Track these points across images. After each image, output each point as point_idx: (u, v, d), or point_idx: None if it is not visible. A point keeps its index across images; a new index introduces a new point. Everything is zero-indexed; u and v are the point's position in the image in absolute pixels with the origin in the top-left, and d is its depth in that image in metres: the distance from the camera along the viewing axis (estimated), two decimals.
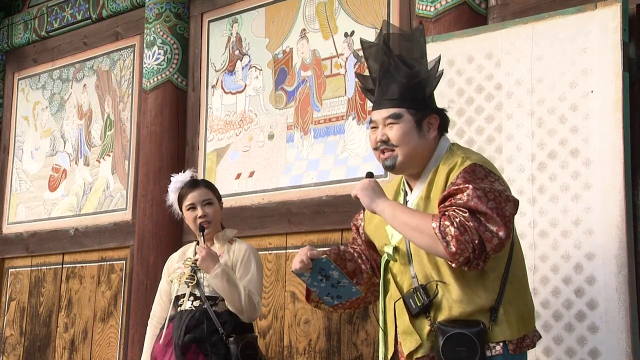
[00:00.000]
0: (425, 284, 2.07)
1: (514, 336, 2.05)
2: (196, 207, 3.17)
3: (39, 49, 5.35)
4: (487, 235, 1.95)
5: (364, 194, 2.15)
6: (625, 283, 2.65)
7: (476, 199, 1.97)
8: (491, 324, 2.03)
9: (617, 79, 2.75)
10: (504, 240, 1.97)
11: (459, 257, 1.95)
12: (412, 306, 2.07)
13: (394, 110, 2.13)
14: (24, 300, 5.12)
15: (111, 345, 4.56)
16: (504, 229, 1.96)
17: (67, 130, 5.12)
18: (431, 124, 2.17)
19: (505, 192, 2.03)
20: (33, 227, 5.14)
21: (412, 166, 2.17)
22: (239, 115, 4.20)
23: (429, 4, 3.33)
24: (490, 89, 3.05)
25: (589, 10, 2.84)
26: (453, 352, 1.99)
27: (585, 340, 2.70)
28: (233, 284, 3.02)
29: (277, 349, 3.81)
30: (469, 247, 1.94)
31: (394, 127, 2.13)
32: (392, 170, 2.17)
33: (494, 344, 2.03)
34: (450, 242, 1.95)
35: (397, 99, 2.13)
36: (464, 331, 1.99)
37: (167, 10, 4.44)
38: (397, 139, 2.12)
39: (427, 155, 2.17)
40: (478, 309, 2.04)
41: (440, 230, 1.96)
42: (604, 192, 2.72)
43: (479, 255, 1.96)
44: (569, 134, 2.84)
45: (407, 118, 2.13)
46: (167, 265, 3.33)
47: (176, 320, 3.08)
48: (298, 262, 2.19)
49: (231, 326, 3.03)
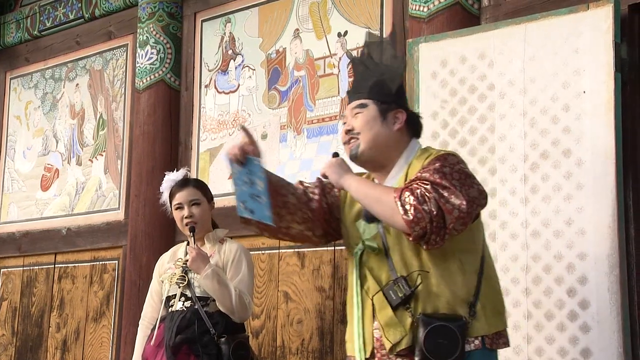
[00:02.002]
0: (407, 274, 2.07)
1: (491, 331, 2.08)
2: (183, 206, 3.16)
3: (31, 48, 5.33)
4: (447, 207, 1.95)
5: (332, 170, 2.17)
6: (617, 283, 2.66)
7: (441, 173, 2.00)
8: (471, 319, 2.05)
9: (609, 79, 2.76)
10: (465, 216, 1.97)
11: (415, 226, 1.95)
12: (393, 297, 2.06)
13: (361, 101, 2.21)
14: (16, 300, 5.10)
15: (103, 346, 4.55)
16: (466, 204, 1.96)
17: (59, 129, 5.10)
18: (397, 117, 2.21)
19: (473, 179, 2.05)
20: (25, 227, 5.12)
21: (375, 156, 2.18)
22: (232, 115, 4.20)
23: (422, 4, 3.34)
24: (483, 89, 3.06)
25: (581, 11, 2.85)
26: (435, 344, 2.00)
27: (577, 340, 2.71)
28: (224, 285, 3.01)
29: (270, 349, 3.81)
30: (427, 217, 1.94)
31: (358, 116, 2.19)
32: (355, 159, 2.19)
33: (472, 338, 2.06)
34: (408, 210, 1.95)
35: (365, 92, 2.21)
36: (447, 324, 2.01)
37: (160, 10, 4.43)
38: (361, 125, 2.18)
39: (392, 146, 2.18)
40: (457, 302, 2.06)
41: (400, 199, 1.98)
42: (596, 192, 2.73)
43: (436, 229, 1.95)
44: (561, 134, 2.84)
45: (372, 107, 2.19)
46: (158, 265, 3.32)
47: (167, 321, 3.07)
48: (234, 149, 2.16)
49: (223, 326, 3.02)
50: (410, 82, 3.24)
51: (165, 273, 3.20)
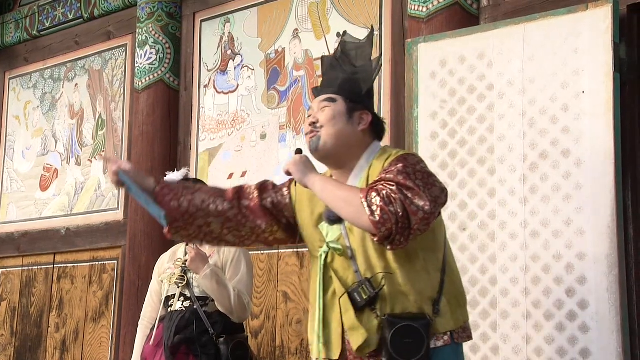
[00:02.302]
0: (371, 276, 2.08)
1: (458, 325, 2.11)
2: None
3: (30, 48, 5.33)
4: (412, 209, 1.97)
5: (296, 168, 2.16)
6: (616, 283, 2.66)
7: (405, 174, 2.01)
8: (435, 316, 2.07)
9: (608, 79, 2.76)
10: (429, 216, 1.99)
11: (381, 226, 1.96)
12: (358, 300, 2.07)
13: (331, 95, 2.21)
14: (15, 301, 5.10)
15: (102, 346, 4.55)
16: (429, 205, 1.98)
17: (58, 129, 5.10)
18: (362, 118, 2.21)
19: (434, 177, 2.08)
20: (24, 227, 5.12)
21: (336, 152, 2.18)
22: (231, 115, 4.20)
23: (421, 4, 3.34)
24: (482, 89, 3.06)
25: (580, 11, 2.85)
26: (401, 344, 2.02)
27: (576, 340, 2.71)
28: (222, 285, 3.01)
29: (269, 349, 3.81)
30: (393, 218, 1.95)
31: (325, 110, 2.19)
32: (314, 152, 2.19)
33: (441, 334, 2.08)
34: (375, 211, 1.96)
35: (336, 88, 2.21)
36: (412, 323, 2.03)
37: (159, 10, 4.43)
38: (326, 119, 2.17)
39: (353, 146, 2.19)
40: (424, 300, 2.08)
41: (367, 200, 1.99)
42: (595, 193, 2.73)
43: (401, 230, 1.97)
44: (561, 135, 2.85)
45: (340, 103, 2.19)
46: (158, 265, 3.32)
47: (166, 320, 3.07)
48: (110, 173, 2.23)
49: (221, 327, 3.02)
50: (409, 82, 3.24)
51: (165, 273, 3.20)
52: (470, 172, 3.03)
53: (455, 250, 3.01)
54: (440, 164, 3.11)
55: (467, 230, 2.99)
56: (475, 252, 2.97)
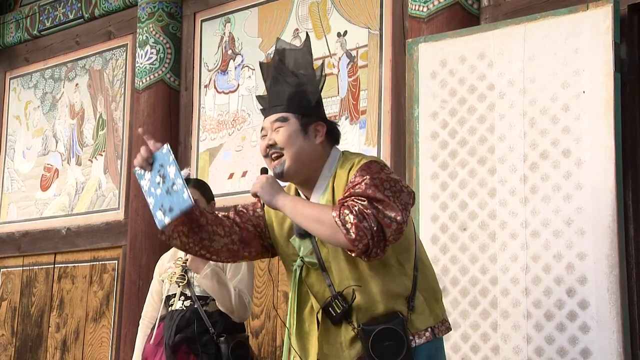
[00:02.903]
0: (342, 290, 2.10)
1: (437, 319, 2.14)
2: None
3: (30, 48, 5.33)
4: (385, 221, 1.99)
5: (264, 191, 2.16)
6: (616, 283, 2.66)
7: (373, 187, 2.02)
8: (410, 313, 2.09)
9: (608, 79, 2.76)
10: (402, 225, 2.02)
11: (358, 243, 1.98)
12: (333, 314, 2.10)
13: (281, 114, 2.19)
14: (16, 300, 5.10)
15: (103, 346, 4.55)
16: (401, 214, 2.01)
17: (59, 129, 5.10)
18: (317, 130, 2.20)
19: (400, 182, 2.09)
20: (25, 227, 5.12)
21: (300, 171, 2.18)
22: (231, 114, 4.20)
23: (422, 4, 3.34)
24: (483, 89, 3.06)
25: (580, 11, 2.85)
26: (381, 348, 2.04)
27: (576, 340, 2.71)
28: (223, 284, 3.01)
29: (270, 348, 3.81)
30: (368, 233, 1.97)
31: (279, 130, 2.18)
32: (281, 177, 2.19)
33: (422, 331, 2.09)
34: (350, 229, 1.98)
35: (284, 105, 2.19)
36: (387, 326, 2.05)
37: (160, 10, 4.43)
38: (283, 140, 2.17)
39: (315, 161, 2.18)
40: (397, 300, 2.09)
41: (340, 218, 1.99)
42: (596, 192, 2.73)
43: (377, 243, 1.99)
44: (561, 134, 2.85)
45: (293, 121, 2.18)
46: (159, 265, 3.33)
47: (167, 320, 3.07)
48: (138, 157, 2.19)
49: (222, 326, 3.02)
50: (410, 82, 3.24)
51: (166, 272, 3.20)
52: (470, 172, 3.04)
53: (455, 250, 3.02)
54: (440, 164, 3.11)
55: (467, 230, 2.99)
56: (476, 252, 2.97)
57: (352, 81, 3.75)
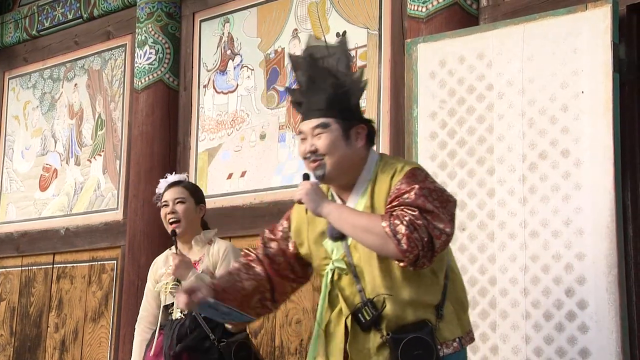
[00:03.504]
0: (373, 297, 2.09)
1: (464, 330, 2.14)
2: (168, 204, 3.15)
3: (29, 48, 5.33)
4: (435, 233, 2.00)
5: (309, 198, 2.13)
6: (615, 283, 2.67)
7: (422, 197, 2.02)
8: (438, 322, 2.08)
9: (607, 79, 2.76)
10: (450, 237, 2.04)
11: (409, 254, 1.98)
12: (362, 321, 2.09)
13: (322, 120, 2.14)
14: (14, 301, 5.10)
15: (102, 346, 4.55)
16: (449, 226, 2.02)
17: (57, 129, 5.10)
18: (358, 133, 2.18)
19: (445, 192, 2.09)
20: (23, 227, 5.12)
21: (342, 175, 2.17)
22: (230, 115, 4.20)
23: (421, 4, 3.34)
24: (482, 90, 3.06)
25: (579, 11, 2.85)
26: (411, 357, 2.03)
27: (575, 340, 2.71)
28: None
29: (269, 349, 3.80)
30: (419, 244, 1.98)
31: (321, 137, 2.14)
32: (322, 179, 2.17)
33: (450, 341, 2.09)
34: (401, 240, 1.98)
35: (324, 109, 2.14)
36: (416, 335, 2.04)
37: (159, 10, 4.43)
38: (325, 147, 2.13)
39: (356, 164, 2.17)
40: (426, 309, 2.09)
41: (391, 229, 1.99)
42: (595, 193, 2.73)
43: (426, 253, 2.00)
44: (560, 135, 2.85)
45: (335, 127, 2.14)
46: (152, 269, 3.29)
47: (166, 329, 3.05)
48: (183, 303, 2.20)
49: (222, 331, 3.00)
50: (409, 82, 3.24)
51: (159, 282, 3.17)
52: (469, 172, 3.04)
53: (454, 251, 3.00)
54: (439, 164, 3.11)
55: (466, 230, 3.00)
56: (475, 252, 2.97)
57: None
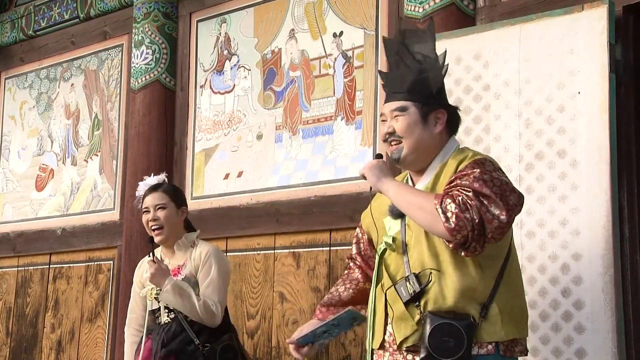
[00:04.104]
0: (419, 272, 2.07)
1: (507, 337, 2.07)
2: (149, 210, 3.15)
3: (26, 48, 5.32)
4: (488, 216, 1.95)
5: (372, 172, 2.17)
6: (611, 283, 2.67)
7: (481, 181, 2.00)
8: (481, 320, 2.04)
9: (603, 80, 2.77)
10: (505, 226, 1.98)
11: (456, 233, 1.95)
12: (403, 294, 2.08)
13: (401, 103, 2.18)
14: (11, 301, 5.09)
15: (98, 346, 4.54)
16: (506, 214, 1.97)
17: (54, 129, 5.09)
18: (438, 118, 2.20)
19: (511, 184, 2.07)
20: (20, 227, 5.11)
21: (418, 159, 2.19)
22: (227, 115, 4.20)
23: (418, 4, 3.34)
24: (478, 90, 3.06)
25: (576, 12, 2.86)
26: (440, 341, 1.99)
27: (571, 340, 2.71)
28: (186, 297, 2.97)
29: (266, 349, 3.81)
30: (469, 225, 1.94)
31: (399, 120, 2.18)
32: (397, 162, 2.21)
33: (486, 343, 2.04)
34: (450, 218, 1.96)
35: (405, 92, 2.18)
36: (453, 322, 2.00)
37: (156, 10, 4.43)
38: (402, 130, 2.17)
39: (432, 149, 2.19)
40: (470, 303, 2.05)
41: (441, 206, 1.98)
42: (591, 193, 2.74)
43: (477, 237, 1.96)
44: (556, 135, 2.85)
45: (413, 111, 2.17)
46: (138, 272, 3.28)
47: (154, 333, 3.07)
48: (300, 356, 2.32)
49: (207, 334, 3.00)
50: None
51: (144, 287, 3.17)
52: None
53: None
54: None
55: None
56: None
57: (347, 82, 3.75)
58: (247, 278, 3.89)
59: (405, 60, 2.19)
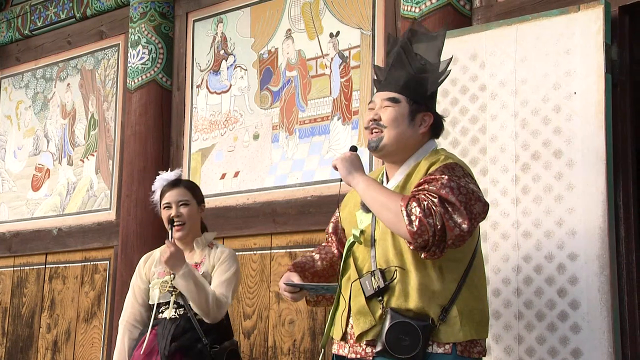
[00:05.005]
0: (384, 268, 2.11)
1: (465, 338, 2.10)
2: (171, 206, 3.12)
3: (22, 47, 5.31)
4: (450, 224, 2.00)
5: (343, 165, 2.21)
6: (607, 283, 2.67)
7: (448, 189, 2.03)
8: (439, 322, 2.08)
9: (599, 80, 2.77)
10: (466, 234, 2.02)
11: (418, 237, 2.00)
12: (367, 288, 2.11)
13: (394, 95, 2.21)
14: (6, 301, 5.08)
15: (94, 346, 4.54)
16: (467, 223, 2.01)
17: (50, 129, 5.08)
18: (424, 120, 2.23)
19: (477, 193, 2.09)
20: (16, 227, 5.10)
21: (394, 153, 2.22)
22: (224, 115, 4.20)
23: (414, 5, 3.34)
24: (475, 90, 3.07)
25: (572, 13, 2.86)
26: (396, 339, 2.04)
27: (567, 340, 2.72)
28: (200, 285, 2.94)
29: (262, 349, 3.80)
30: (430, 230, 1.99)
31: (388, 110, 2.20)
32: (374, 151, 2.23)
33: (443, 343, 2.08)
34: (413, 221, 2.00)
35: (400, 86, 2.21)
36: (412, 322, 2.05)
37: (152, 10, 4.42)
38: (388, 120, 2.19)
39: (411, 147, 2.22)
40: (430, 304, 2.08)
41: (406, 209, 2.02)
42: (587, 193, 2.74)
43: (437, 243, 2.00)
44: (552, 135, 2.85)
45: (404, 105, 2.20)
46: (142, 266, 3.19)
47: (160, 328, 2.99)
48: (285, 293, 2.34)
49: (214, 335, 2.99)
50: None
51: (155, 279, 3.12)
52: None
53: None
54: None
55: None
56: None
57: (344, 82, 3.75)
58: (243, 278, 3.89)
59: (409, 59, 2.21)
